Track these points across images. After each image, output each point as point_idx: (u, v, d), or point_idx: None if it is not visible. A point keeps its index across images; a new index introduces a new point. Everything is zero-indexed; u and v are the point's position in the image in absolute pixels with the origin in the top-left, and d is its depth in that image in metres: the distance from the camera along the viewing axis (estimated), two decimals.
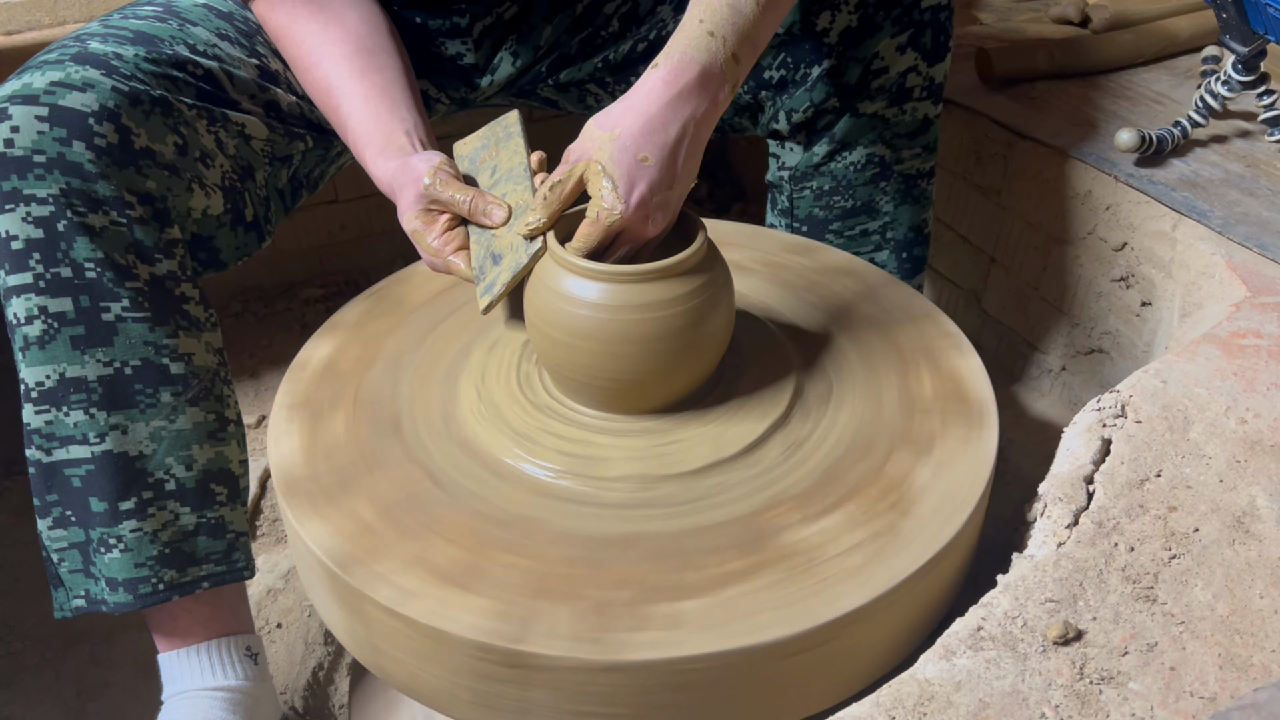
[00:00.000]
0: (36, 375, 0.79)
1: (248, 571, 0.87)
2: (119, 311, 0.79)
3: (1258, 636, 0.62)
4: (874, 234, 1.02)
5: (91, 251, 0.77)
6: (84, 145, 0.76)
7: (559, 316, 0.69)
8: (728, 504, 0.69)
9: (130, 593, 0.81)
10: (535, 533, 0.67)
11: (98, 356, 0.79)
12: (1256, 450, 0.75)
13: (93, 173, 0.76)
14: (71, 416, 0.79)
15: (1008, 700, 0.58)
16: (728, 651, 0.60)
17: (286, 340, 1.46)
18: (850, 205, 1.00)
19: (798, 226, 1.03)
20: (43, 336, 0.78)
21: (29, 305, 0.77)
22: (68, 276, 0.77)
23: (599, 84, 1.04)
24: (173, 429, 0.82)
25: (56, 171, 0.76)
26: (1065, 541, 0.68)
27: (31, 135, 0.75)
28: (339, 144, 1.00)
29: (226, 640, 0.86)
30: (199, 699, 0.84)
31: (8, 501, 1.26)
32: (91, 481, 0.80)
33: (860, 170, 0.98)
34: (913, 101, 0.96)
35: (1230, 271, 0.96)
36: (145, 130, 0.79)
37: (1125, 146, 1.12)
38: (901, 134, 0.98)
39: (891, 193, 1.00)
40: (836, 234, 1.02)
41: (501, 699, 0.62)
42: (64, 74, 0.77)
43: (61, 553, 0.82)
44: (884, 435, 0.74)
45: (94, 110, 0.76)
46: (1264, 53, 1.07)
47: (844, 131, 0.97)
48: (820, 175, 1.00)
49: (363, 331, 0.86)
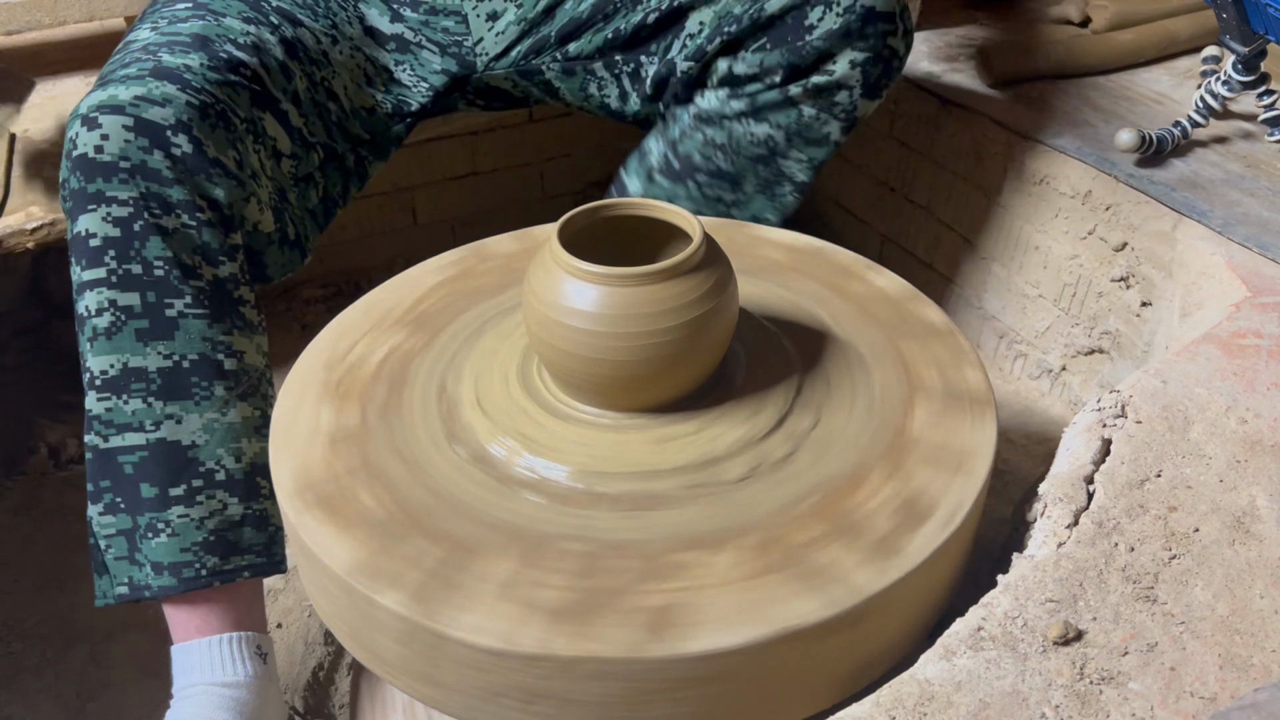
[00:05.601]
0: (101, 364, 0.84)
1: (283, 566, 0.90)
2: (181, 308, 0.84)
3: (1258, 636, 0.62)
4: (725, 204, 1.06)
5: (162, 250, 0.83)
6: (162, 154, 0.83)
7: (559, 316, 0.69)
8: (727, 503, 0.69)
9: (174, 575, 0.84)
10: (536, 533, 0.67)
11: (159, 349, 0.84)
12: (1256, 450, 0.75)
13: (169, 179, 0.83)
14: (130, 405, 0.84)
15: (1008, 700, 0.58)
16: (729, 651, 0.60)
17: (287, 340, 1.46)
18: (725, 168, 1.04)
19: (671, 160, 1.06)
20: (110, 328, 0.83)
21: (100, 298, 0.83)
22: (138, 273, 0.83)
23: (607, 66, 1.07)
24: (224, 422, 0.87)
25: (138, 177, 0.82)
26: (1065, 541, 0.68)
27: (119, 143, 0.82)
28: (351, 156, 1.04)
29: (238, 636, 0.87)
30: (207, 694, 0.84)
31: (8, 501, 1.26)
32: (144, 468, 0.85)
33: (754, 144, 1.02)
34: (831, 115, 1.00)
35: (1230, 271, 0.96)
36: (213, 142, 0.86)
37: (1125, 146, 1.12)
38: (804, 137, 1.01)
39: (760, 179, 1.04)
40: (698, 186, 1.06)
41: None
42: (146, 89, 0.83)
43: (109, 539, 0.85)
44: (883, 435, 0.74)
45: (171, 124, 0.83)
46: (1264, 53, 1.07)
47: (764, 103, 1.00)
48: (720, 128, 1.03)
49: (364, 331, 0.86)
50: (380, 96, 1.05)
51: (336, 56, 1.01)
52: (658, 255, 0.77)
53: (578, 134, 1.71)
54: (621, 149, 1.77)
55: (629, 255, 0.75)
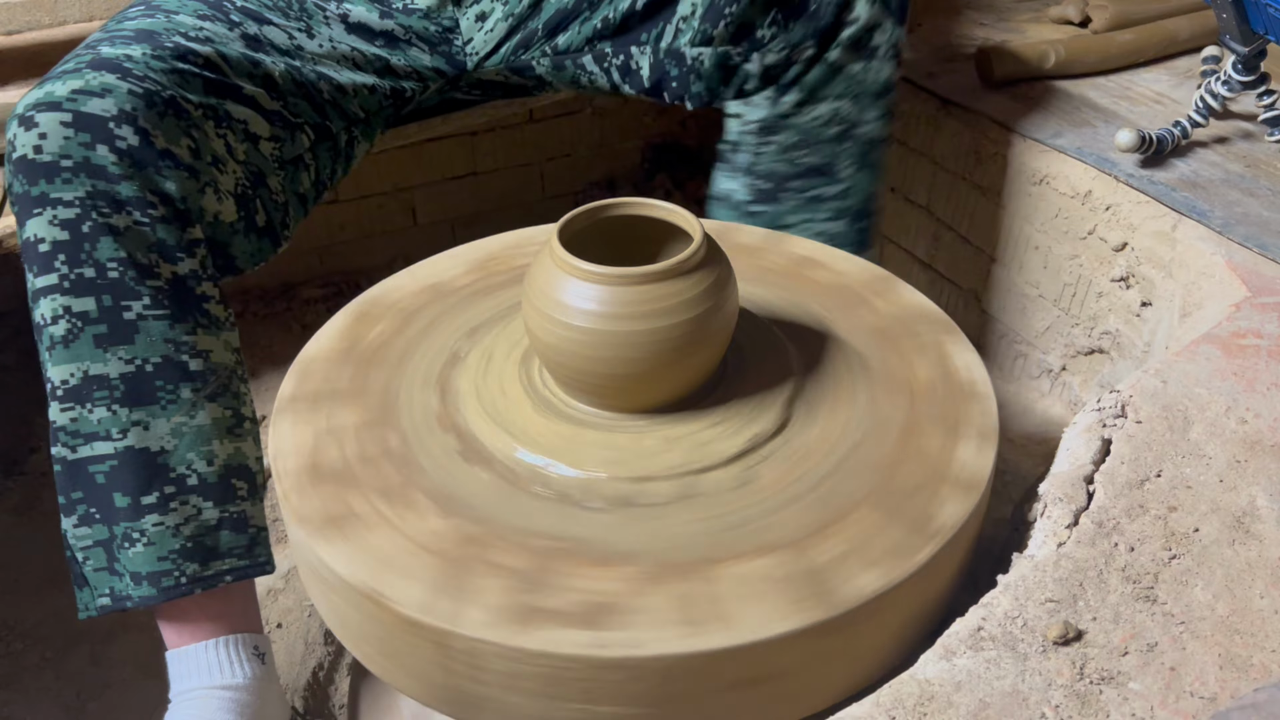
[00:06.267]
0: (61, 374, 0.81)
1: (269, 566, 0.88)
2: (140, 310, 0.81)
3: (1258, 636, 0.62)
4: (830, 200, 1.04)
5: (115, 251, 0.80)
6: (107, 148, 0.79)
7: (559, 315, 0.69)
8: (727, 504, 0.69)
9: (154, 586, 0.82)
10: (533, 535, 0.67)
11: (120, 354, 0.81)
12: (1256, 450, 0.75)
13: (115, 174, 0.79)
14: (95, 413, 0.81)
15: (1008, 700, 0.58)
16: (728, 650, 0.60)
17: (286, 340, 1.47)
18: (813, 162, 1.02)
19: (759, 184, 1.04)
20: (67, 335, 0.80)
21: (54, 305, 0.80)
22: (91, 276, 0.79)
23: (597, 59, 1.05)
24: (193, 425, 0.84)
25: (82, 175, 0.78)
26: (1065, 541, 0.68)
27: (58, 141, 0.78)
28: (344, 134, 1.01)
29: (235, 638, 0.86)
30: (207, 698, 0.84)
31: (8, 501, 1.26)
32: (115, 477, 0.82)
33: (825, 124, 1.01)
34: (878, 60, 0.98)
35: (1230, 271, 0.96)
36: (162, 132, 0.82)
37: (1125, 146, 1.12)
38: (866, 92, 1.00)
39: (851, 156, 1.02)
40: (797, 191, 1.04)
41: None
42: (83, 81, 0.79)
43: (86, 551, 0.83)
44: (883, 435, 0.74)
45: (113, 115, 0.79)
46: (1264, 53, 1.07)
47: (814, 82, 0.99)
48: (787, 128, 1.01)
49: (361, 332, 0.86)
50: (375, 81, 1.02)
51: (314, 50, 0.97)
52: (658, 255, 0.77)
53: (578, 134, 1.71)
54: (622, 149, 1.78)
55: (629, 255, 0.75)
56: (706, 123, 1.83)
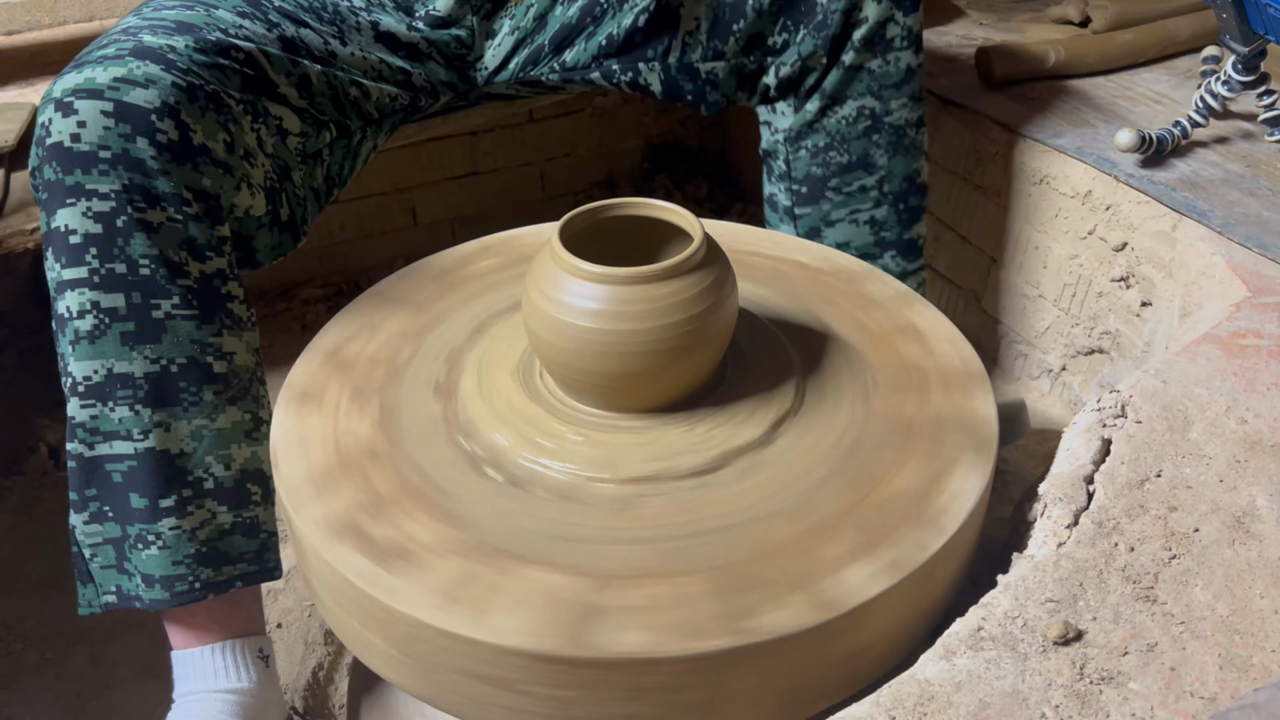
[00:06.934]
0: (84, 369, 0.79)
1: (278, 572, 0.88)
2: (169, 309, 0.80)
3: (1258, 636, 0.62)
4: (872, 189, 1.04)
5: (147, 248, 0.78)
6: (147, 141, 0.77)
7: (559, 315, 0.69)
8: (728, 504, 0.68)
9: (167, 590, 0.81)
10: (532, 533, 0.67)
11: (145, 353, 0.80)
12: (1256, 450, 0.75)
13: (154, 169, 0.77)
14: (117, 412, 0.80)
15: (1008, 700, 0.58)
16: (729, 649, 0.60)
17: (287, 340, 1.46)
18: (847, 160, 1.03)
19: (797, 188, 1.05)
20: (93, 331, 0.79)
21: (82, 300, 0.78)
22: (122, 272, 0.78)
23: (605, 76, 1.06)
24: (213, 428, 0.83)
25: (120, 167, 0.76)
26: (1065, 541, 0.68)
27: (98, 130, 0.75)
28: (359, 133, 1.01)
29: (241, 642, 0.86)
30: (210, 701, 0.84)
31: (8, 501, 1.26)
32: (133, 478, 0.81)
33: (853, 123, 1.01)
34: (895, 51, 0.99)
35: (1230, 271, 0.96)
36: (201, 127, 0.80)
37: (1125, 146, 1.12)
38: (888, 84, 1.00)
39: (884, 145, 1.03)
40: (835, 190, 1.04)
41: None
42: (126, 70, 0.77)
43: (95, 548, 0.82)
44: (883, 436, 0.74)
45: (156, 107, 0.77)
46: (1264, 53, 1.07)
47: (834, 86, 1.00)
48: (815, 133, 1.02)
49: (362, 330, 0.86)
50: (397, 91, 1.02)
51: (346, 57, 0.97)
52: (658, 255, 0.77)
53: (578, 134, 1.71)
54: (622, 149, 1.78)
55: (629, 255, 0.75)
56: (707, 123, 1.83)
